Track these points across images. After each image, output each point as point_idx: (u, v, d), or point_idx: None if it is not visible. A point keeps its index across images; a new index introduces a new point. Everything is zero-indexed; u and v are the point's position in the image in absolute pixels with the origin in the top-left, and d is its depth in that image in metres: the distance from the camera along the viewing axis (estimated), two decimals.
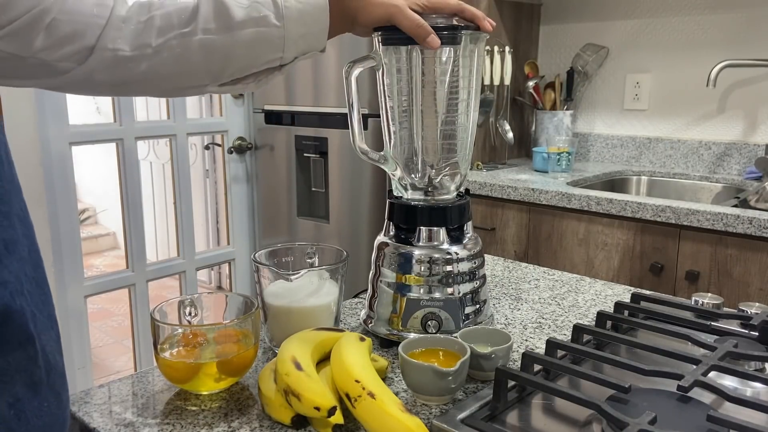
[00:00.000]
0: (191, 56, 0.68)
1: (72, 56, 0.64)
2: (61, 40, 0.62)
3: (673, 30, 2.23)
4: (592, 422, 0.62)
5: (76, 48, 0.63)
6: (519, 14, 2.45)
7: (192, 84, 0.72)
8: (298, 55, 0.73)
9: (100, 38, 0.64)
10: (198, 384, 0.70)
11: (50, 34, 0.61)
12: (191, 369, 0.70)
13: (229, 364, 0.71)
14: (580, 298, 1.03)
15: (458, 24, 0.78)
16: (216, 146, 3.25)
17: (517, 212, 1.98)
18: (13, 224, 0.56)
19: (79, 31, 0.63)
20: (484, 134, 2.38)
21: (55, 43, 0.62)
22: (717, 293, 1.59)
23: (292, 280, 0.79)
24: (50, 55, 0.62)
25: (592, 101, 2.47)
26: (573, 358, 0.75)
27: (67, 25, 0.62)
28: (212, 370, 0.70)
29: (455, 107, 0.81)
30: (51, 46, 0.62)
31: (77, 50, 0.64)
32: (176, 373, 0.71)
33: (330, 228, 2.42)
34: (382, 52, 0.81)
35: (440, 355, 0.72)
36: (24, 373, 0.56)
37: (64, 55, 0.63)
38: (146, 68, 0.67)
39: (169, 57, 0.67)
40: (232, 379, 0.72)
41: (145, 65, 0.67)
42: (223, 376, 0.71)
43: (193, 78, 0.71)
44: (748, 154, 2.11)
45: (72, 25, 0.63)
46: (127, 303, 2.34)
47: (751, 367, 0.72)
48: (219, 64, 0.70)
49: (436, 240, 0.82)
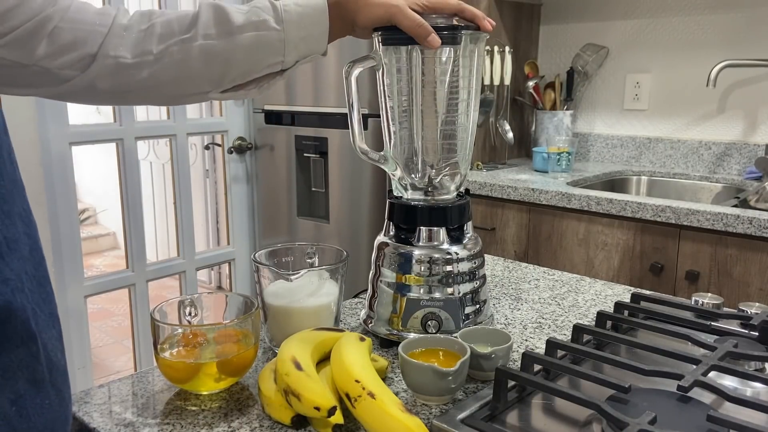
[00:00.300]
0: (192, 62, 0.69)
1: (74, 64, 0.64)
2: (63, 48, 0.63)
3: (673, 30, 2.23)
4: (592, 422, 0.62)
5: (78, 56, 0.64)
6: (519, 14, 2.45)
7: (193, 90, 0.72)
8: (299, 58, 0.73)
9: (102, 46, 0.65)
10: (198, 384, 0.70)
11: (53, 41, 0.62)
12: (191, 369, 0.70)
13: (229, 364, 0.71)
14: (580, 298, 1.03)
15: (458, 24, 0.78)
16: (216, 146, 3.25)
17: (517, 212, 1.98)
18: (15, 223, 0.56)
19: (81, 39, 0.64)
20: (484, 134, 2.38)
21: (57, 51, 0.63)
22: (717, 293, 1.59)
23: (292, 280, 0.79)
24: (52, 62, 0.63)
25: (592, 101, 2.47)
26: (573, 358, 0.75)
27: (69, 33, 0.63)
28: (212, 370, 0.70)
29: (455, 107, 0.81)
30: (53, 54, 0.63)
31: (79, 58, 0.64)
32: (176, 373, 0.71)
33: (330, 228, 2.42)
34: (382, 52, 0.81)
35: (440, 355, 0.72)
36: (26, 370, 0.56)
37: (66, 63, 0.64)
38: (148, 75, 0.68)
39: (170, 63, 0.68)
40: (232, 379, 0.73)
41: (147, 72, 0.68)
42: (223, 376, 0.71)
43: (195, 84, 0.71)
44: (748, 154, 2.11)
45: (74, 33, 0.64)
46: (127, 303, 2.34)
47: (751, 367, 0.72)
48: (220, 69, 0.70)
49: (436, 240, 0.82)
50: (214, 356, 0.71)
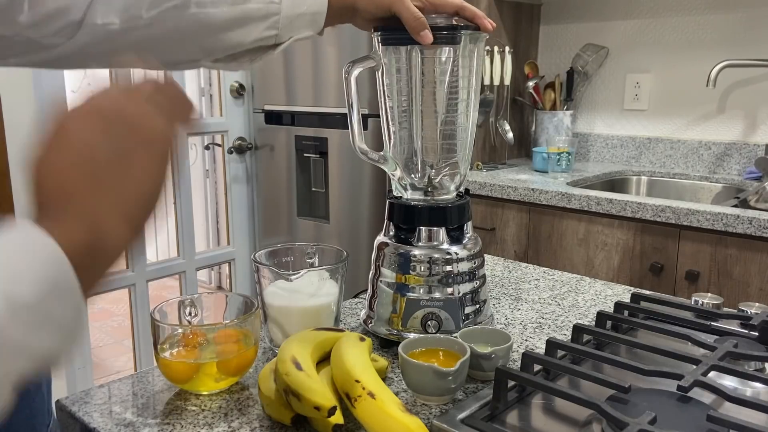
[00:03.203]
0: (184, 30, 0.67)
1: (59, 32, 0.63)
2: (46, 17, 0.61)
3: (673, 30, 2.23)
4: (592, 422, 0.62)
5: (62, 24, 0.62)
6: (519, 14, 2.45)
7: (185, 58, 0.70)
8: (294, 35, 0.72)
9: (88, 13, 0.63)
10: (198, 384, 0.70)
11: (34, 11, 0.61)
12: (191, 369, 0.70)
13: (229, 364, 0.71)
14: (580, 298, 1.03)
15: (458, 24, 0.78)
16: (216, 146, 3.25)
17: (517, 212, 1.98)
18: None
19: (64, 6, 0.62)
20: (484, 134, 2.38)
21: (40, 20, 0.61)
22: (717, 293, 1.59)
23: (292, 280, 0.79)
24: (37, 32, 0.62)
25: (592, 101, 2.47)
26: (573, 358, 0.75)
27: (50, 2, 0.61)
28: (212, 370, 0.70)
29: (455, 107, 0.81)
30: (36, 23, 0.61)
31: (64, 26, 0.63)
32: (176, 374, 0.71)
33: (330, 228, 2.42)
34: (382, 52, 0.81)
35: (440, 355, 0.72)
36: None
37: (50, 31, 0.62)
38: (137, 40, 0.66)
39: (161, 29, 0.66)
40: (232, 379, 0.73)
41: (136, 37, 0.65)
42: (223, 376, 0.71)
43: (186, 52, 0.69)
44: (748, 154, 2.11)
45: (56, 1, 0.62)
46: (127, 303, 2.34)
47: (751, 367, 0.72)
48: (212, 38, 0.68)
49: (436, 240, 0.82)
50: (214, 356, 0.71)
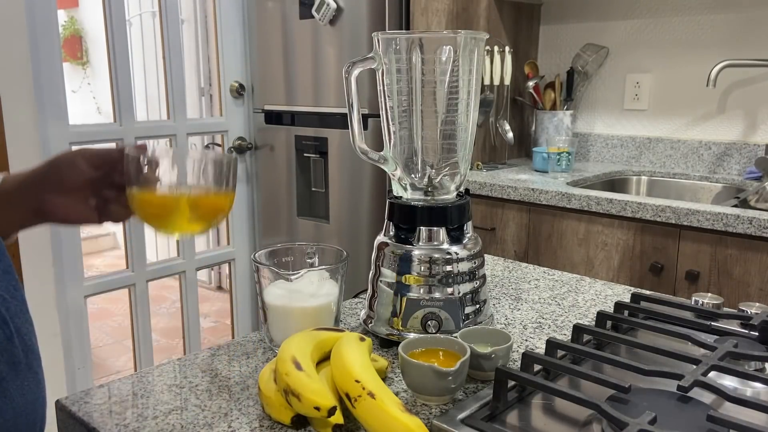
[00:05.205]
0: None
1: None
2: None
3: (673, 30, 2.23)
4: (592, 422, 0.62)
5: None
6: (519, 14, 2.45)
7: None
8: None
9: None
10: (170, 223, 0.70)
11: None
12: (164, 204, 0.70)
13: (202, 203, 0.71)
14: (580, 298, 1.03)
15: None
16: (216, 146, 3.25)
17: (517, 212, 1.98)
18: None
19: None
20: (484, 134, 2.38)
21: None
22: (717, 293, 1.59)
23: (292, 280, 0.79)
24: None
25: (592, 101, 2.47)
26: (573, 358, 0.75)
27: None
28: (184, 208, 0.70)
29: (455, 107, 0.81)
30: None
31: None
32: (150, 207, 0.71)
33: (330, 228, 2.42)
34: (382, 52, 0.81)
35: (440, 355, 0.72)
36: (5, 353, 0.58)
37: None
38: None
39: None
40: (204, 223, 0.72)
41: None
42: (195, 218, 0.71)
43: None
44: (748, 154, 2.11)
45: None
46: (127, 303, 2.34)
47: (751, 367, 0.72)
48: None
49: (436, 240, 0.82)
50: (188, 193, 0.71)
